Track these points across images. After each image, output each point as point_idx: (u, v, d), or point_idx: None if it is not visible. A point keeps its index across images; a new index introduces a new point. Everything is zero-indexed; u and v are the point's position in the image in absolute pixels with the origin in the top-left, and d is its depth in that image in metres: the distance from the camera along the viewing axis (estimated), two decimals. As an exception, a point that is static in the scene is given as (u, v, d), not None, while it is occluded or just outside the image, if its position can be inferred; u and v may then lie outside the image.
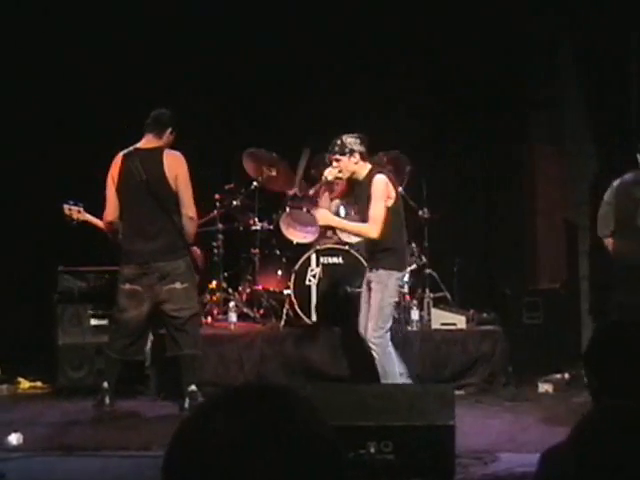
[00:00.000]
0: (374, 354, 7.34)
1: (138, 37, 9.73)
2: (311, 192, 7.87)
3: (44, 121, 9.69)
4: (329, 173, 7.46)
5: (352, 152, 7.33)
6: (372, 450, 5.44)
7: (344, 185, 7.65)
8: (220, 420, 1.39)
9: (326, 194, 7.59)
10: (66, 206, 8.01)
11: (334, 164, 7.41)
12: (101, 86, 9.68)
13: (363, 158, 7.39)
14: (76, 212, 8.00)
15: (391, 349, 7.40)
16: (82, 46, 9.59)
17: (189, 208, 7.61)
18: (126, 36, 9.71)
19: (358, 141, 7.37)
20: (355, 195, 7.60)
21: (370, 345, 7.34)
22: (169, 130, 7.71)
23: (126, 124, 7.98)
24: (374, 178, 7.32)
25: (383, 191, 7.31)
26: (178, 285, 7.65)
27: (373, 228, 7.29)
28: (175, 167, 7.59)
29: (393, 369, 7.37)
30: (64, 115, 9.71)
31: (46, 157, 9.61)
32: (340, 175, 7.44)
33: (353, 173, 7.42)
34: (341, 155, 7.35)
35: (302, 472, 1.38)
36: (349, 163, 7.35)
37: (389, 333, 7.40)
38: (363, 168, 7.40)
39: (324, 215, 7.54)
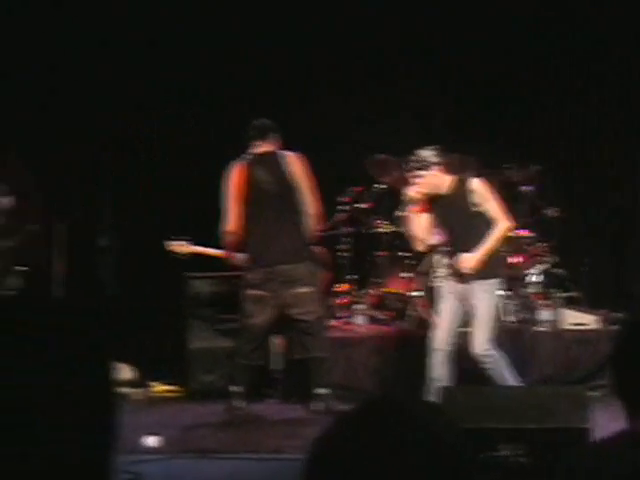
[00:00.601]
0: (487, 366, 7.24)
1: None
2: (400, 214, 7.79)
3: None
4: (412, 191, 7.35)
5: (430, 166, 7.23)
6: (505, 453, 5.39)
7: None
8: (351, 430, 1.50)
9: (412, 214, 7.46)
10: (168, 243, 8.19)
11: (415, 180, 7.31)
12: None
13: (442, 170, 7.29)
14: (179, 247, 8.17)
15: (499, 354, 7.29)
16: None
17: (311, 205, 7.71)
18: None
19: (434, 154, 7.27)
20: (440, 210, 7.36)
21: (481, 359, 7.24)
22: (273, 134, 7.86)
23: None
24: (472, 183, 7.26)
25: (488, 190, 7.29)
26: (302, 289, 7.72)
27: (505, 222, 7.27)
28: (298, 167, 7.74)
29: (508, 373, 7.27)
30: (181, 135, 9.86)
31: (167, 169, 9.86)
32: (424, 191, 7.31)
33: (436, 187, 7.29)
34: (420, 170, 7.26)
35: (426, 474, 1.44)
36: (429, 177, 7.25)
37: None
38: (444, 180, 7.31)
39: (468, 259, 7.23)
